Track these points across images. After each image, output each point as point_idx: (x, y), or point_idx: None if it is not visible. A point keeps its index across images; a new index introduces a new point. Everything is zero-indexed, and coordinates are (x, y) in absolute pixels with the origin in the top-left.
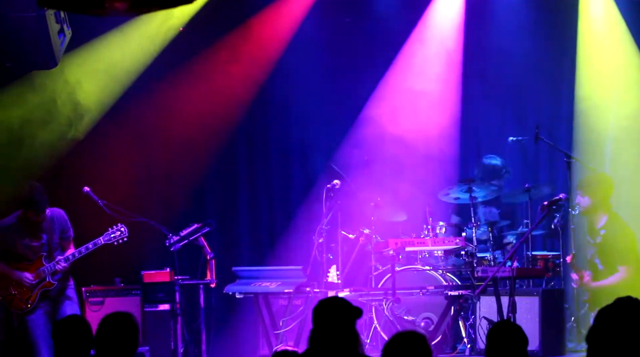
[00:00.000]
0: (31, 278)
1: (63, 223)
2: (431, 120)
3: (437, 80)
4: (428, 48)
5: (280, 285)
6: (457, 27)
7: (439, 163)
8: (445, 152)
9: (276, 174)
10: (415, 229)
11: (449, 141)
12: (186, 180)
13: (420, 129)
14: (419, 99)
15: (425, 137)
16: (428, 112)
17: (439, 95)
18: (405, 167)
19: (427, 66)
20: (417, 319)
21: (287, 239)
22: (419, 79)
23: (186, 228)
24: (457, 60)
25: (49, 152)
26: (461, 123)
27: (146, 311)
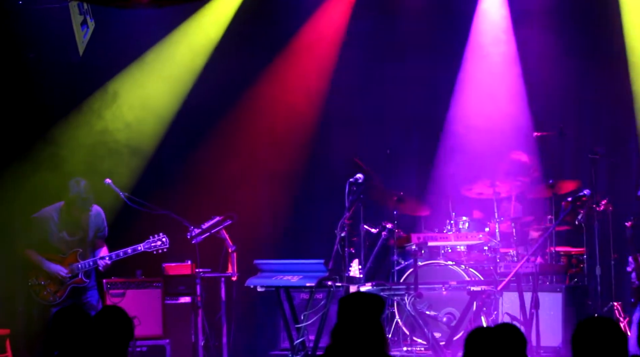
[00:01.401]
0: (65, 272)
1: (100, 221)
2: (457, 113)
3: (466, 75)
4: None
5: (301, 279)
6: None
7: (464, 157)
8: (471, 146)
9: (298, 167)
10: (438, 224)
11: (474, 134)
12: (208, 173)
13: (446, 122)
14: (448, 93)
15: (451, 131)
16: (456, 106)
17: (468, 88)
18: (429, 160)
19: (458, 60)
20: (439, 314)
21: (309, 232)
22: (445, 71)
23: (208, 221)
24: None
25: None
26: (487, 116)
27: (167, 304)
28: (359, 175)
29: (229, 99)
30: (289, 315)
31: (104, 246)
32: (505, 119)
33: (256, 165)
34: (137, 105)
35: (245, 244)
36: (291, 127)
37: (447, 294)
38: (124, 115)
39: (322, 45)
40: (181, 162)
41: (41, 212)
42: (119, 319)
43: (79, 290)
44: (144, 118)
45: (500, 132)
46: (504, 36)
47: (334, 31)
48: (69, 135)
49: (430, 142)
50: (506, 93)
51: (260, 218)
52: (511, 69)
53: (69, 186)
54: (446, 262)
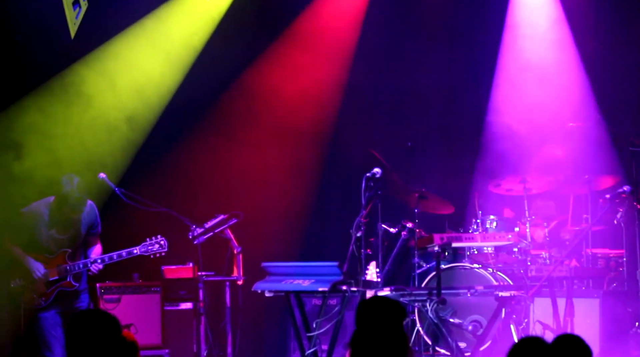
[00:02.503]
0: (42, 271)
1: (93, 217)
2: (484, 103)
3: (494, 62)
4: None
5: (313, 283)
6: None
7: (492, 150)
8: (499, 139)
9: (310, 160)
10: (463, 223)
11: (503, 126)
12: (211, 168)
13: (472, 113)
14: (474, 82)
15: (478, 122)
16: (484, 96)
17: (496, 77)
18: (454, 154)
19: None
20: (464, 322)
21: (321, 232)
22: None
23: (211, 219)
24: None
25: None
26: (518, 107)
27: (167, 310)
28: (377, 169)
29: (233, 84)
30: (299, 323)
31: (98, 244)
32: (537, 109)
33: (264, 158)
34: (131, 90)
35: (252, 245)
36: (302, 117)
37: (473, 300)
38: (117, 101)
39: (337, 28)
40: (181, 154)
41: (31, 207)
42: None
43: (69, 294)
44: (139, 104)
45: (532, 123)
46: (542, 20)
47: (352, 12)
48: (58, 122)
49: (454, 134)
50: (538, 81)
51: (268, 216)
52: (544, 55)
53: (61, 182)
54: (472, 265)
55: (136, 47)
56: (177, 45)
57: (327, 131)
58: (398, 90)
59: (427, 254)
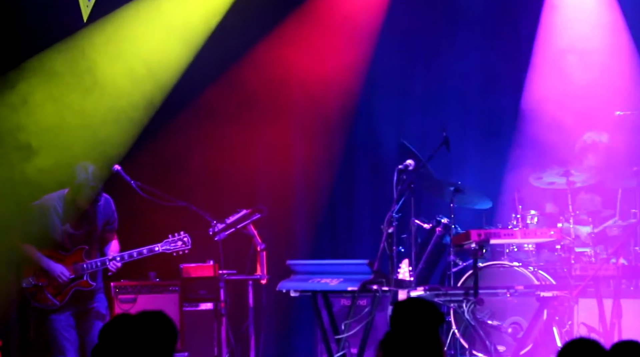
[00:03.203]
0: (67, 275)
1: (109, 212)
2: (524, 88)
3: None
4: None
5: (342, 282)
6: None
7: (532, 140)
8: (540, 128)
9: (338, 151)
10: (502, 219)
11: (545, 114)
12: (233, 160)
13: (511, 99)
14: (513, 65)
15: (517, 109)
16: (523, 80)
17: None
18: (492, 144)
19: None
20: (503, 324)
21: (350, 228)
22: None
23: (233, 214)
24: None
25: None
26: (560, 93)
27: (185, 311)
28: (409, 161)
29: (254, 70)
30: (327, 324)
31: (115, 240)
32: (582, 96)
33: (289, 149)
34: (143, 73)
35: (276, 242)
36: (329, 105)
37: (513, 301)
38: (131, 87)
39: (362, 7)
40: (200, 145)
41: (42, 200)
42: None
43: (84, 294)
44: (155, 89)
45: (576, 111)
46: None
47: None
48: (71, 110)
49: (492, 123)
50: (584, 66)
51: (294, 211)
52: (590, 37)
53: (75, 172)
54: (511, 263)
55: (149, 28)
56: (192, 28)
57: (356, 121)
58: (431, 76)
59: (464, 251)
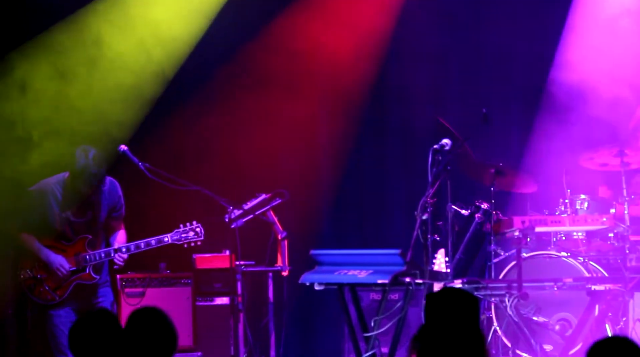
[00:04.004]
0: (67, 267)
1: (115, 197)
2: (572, 58)
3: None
4: None
5: (372, 274)
6: None
7: (582, 116)
8: (591, 102)
9: (367, 130)
10: (548, 204)
11: (595, 87)
12: (252, 140)
13: (557, 70)
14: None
15: (565, 81)
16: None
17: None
18: (537, 122)
19: None
20: (550, 321)
21: (381, 215)
22: None
23: (251, 199)
24: None
25: None
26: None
27: (198, 306)
28: (446, 140)
29: (271, 40)
30: (355, 321)
31: (122, 229)
32: (637, 66)
33: (311, 128)
34: (153, 46)
35: (299, 230)
36: (354, 79)
37: (561, 295)
38: (141, 61)
39: None
40: (214, 124)
41: (40, 185)
42: (157, 327)
43: (87, 288)
44: (162, 62)
45: (631, 84)
46: None
47: None
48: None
49: (538, 98)
50: (638, 31)
51: (318, 196)
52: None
53: (75, 156)
54: (559, 253)
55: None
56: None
57: (386, 97)
58: (469, 47)
59: (506, 240)
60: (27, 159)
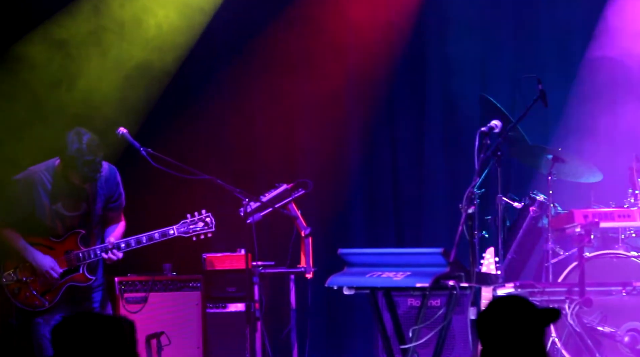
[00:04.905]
0: (59, 269)
1: (113, 185)
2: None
3: None
4: None
5: (409, 276)
6: None
7: None
8: None
9: (402, 111)
10: (615, 196)
11: None
12: (272, 124)
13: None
14: None
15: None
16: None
17: None
18: (602, 102)
19: None
20: (617, 331)
21: (419, 207)
22: None
23: (271, 190)
24: None
25: None
26: None
27: (209, 313)
28: (495, 122)
29: (295, 15)
30: (390, 330)
31: (121, 222)
32: None
33: (338, 110)
34: (163, 21)
35: (325, 225)
36: (389, 54)
37: (631, 301)
38: (142, 35)
39: None
40: (229, 105)
41: (26, 173)
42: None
43: (80, 291)
44: (171, 39)
45: None
46: None
47: None
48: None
49: (602, 75)
50: None
51: (346, 187)
52: None
53: (66, 141)
54: (628, 252)
55: None
56: None
57: (426, 72)
58: (523, 17)
59: (566, 237)
60: (19, 143)
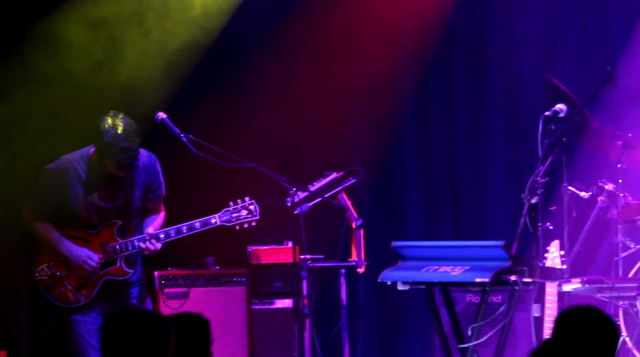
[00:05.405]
0: (96, 260)
1: (152, 173)
2: None
3: None
4: None
5: (468, 271)
6: None
7: None
8: None
9: (460, 93)
10: None
11: None
12: (319, 108)
13: None
14: None
15: None
16: None
17: None
18: None
19: None
20: None
21: (478, 198)
22: None
23: (319, 179)
24: None
25: None
26: None
27: (255, 310)
28: (560, 105)
29: None
30: (448, 328)
31: (161, 213)
32: None
33: (391, 93)
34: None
35: (378, 217)
36: (444, 28)
37: None
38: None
39: None
40: (272, 91)
41: (59, 162)
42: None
43: (118, 286)
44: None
45: None
46: None
47: None
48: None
49: None
50: None
51: (400, 175)
52: None
53: (101, 126)
54: None
55: None
56: None
57: (485, 50)
58: None
59: (637, 229)
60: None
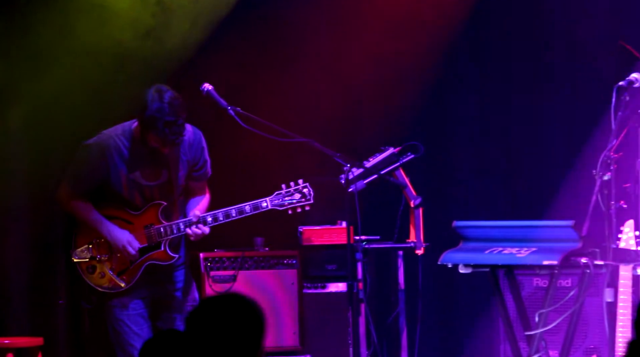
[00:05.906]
0: (137, 245)
1: (198, 150)
2: None
3: None
4: None
5: (535, 253)
6: None
7: None
8: None
9: (520, 61)
10: None
11: None
12: (376, 80)
13: None
14: None
15: None
16: None
17: None
18: None
19: None
20: None
21: (545, 173)
22: None
23: (375, 155)
24: None
25: None
26: None
27: (307, 294)
28: (635, 75)
29: None
30: (513, 314)
31: (206, 194)
32: None
33: (443, 64)
34: None
35: (438, 195)
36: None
37: None
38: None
39: None
40: (322, 63)
41: (99, 138)
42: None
43: (160, 270)
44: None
45: None
46: None
47: None
48: None
49: None
50: None
51: (460, 150)
52: None
53: (145, 99)
54: None
55: None
56: None
57: (548, 14)
58: None
59: None
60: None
